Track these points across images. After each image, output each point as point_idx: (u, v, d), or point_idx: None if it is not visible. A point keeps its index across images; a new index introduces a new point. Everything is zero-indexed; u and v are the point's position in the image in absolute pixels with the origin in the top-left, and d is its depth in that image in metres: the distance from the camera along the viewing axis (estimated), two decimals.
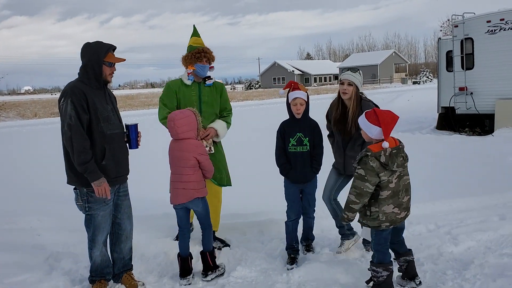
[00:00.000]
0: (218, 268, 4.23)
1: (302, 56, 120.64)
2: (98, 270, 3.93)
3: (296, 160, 4.39)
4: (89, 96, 3.62)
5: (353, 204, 3.58)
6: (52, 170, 9.51)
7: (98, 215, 3.74)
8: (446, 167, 8.37)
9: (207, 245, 4.24)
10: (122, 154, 3.86)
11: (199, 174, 4.11)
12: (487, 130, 12.28)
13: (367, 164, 3.47)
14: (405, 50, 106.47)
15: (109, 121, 3.74)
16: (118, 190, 3.91)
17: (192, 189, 4.06)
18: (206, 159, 4.10)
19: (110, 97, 3.89)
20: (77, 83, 3.68)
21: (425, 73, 61.07)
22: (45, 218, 5.84)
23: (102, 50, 3.69)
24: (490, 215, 5.43)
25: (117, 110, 3.97)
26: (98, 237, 3.79)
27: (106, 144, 3.70)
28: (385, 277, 3.64)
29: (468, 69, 12.59)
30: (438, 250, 4.48)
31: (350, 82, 4.35)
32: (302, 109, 4.36)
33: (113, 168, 3.74)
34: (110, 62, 3.75)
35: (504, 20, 11.78)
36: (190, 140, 4.05)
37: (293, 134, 4.40)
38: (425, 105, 18.85)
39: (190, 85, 4.73)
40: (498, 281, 3.76)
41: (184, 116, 4.03)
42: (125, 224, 4.01)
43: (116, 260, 4.04)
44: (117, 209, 3.95)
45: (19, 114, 32.04)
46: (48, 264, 4.41)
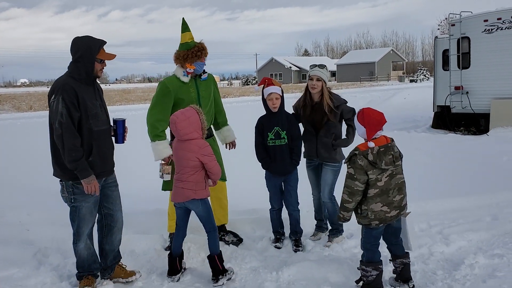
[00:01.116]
0: (227, 271, 4.04)
1: (299, 52, 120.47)
2: (85, 265, 3.89)
3: (275, 153, 4.60)
4: (79, 93, 3.59)
5: (347, 203, 3.62)
6: (43, 164, 9.44)
7: (83, 207, 3.73)
8: (440, 166, 8.36)
9: (213, 248, 4.05)
10: (107, 150, 3.86)
11: (200, 175, 3.97)
12: (482, 129, 12.28)
13: (356, 163, 3.53)
14: (403, 48, 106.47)
15: (97, 118, 3.72)
16: (106, 181, 3.90)
17: (189, 189, 3.95)
18: (211, 161, 3.94)
19: (99, 92, 3.85)
20: (68, 79, 3.63)
21: (422, 71, 61.15)
22: (35, 212, 5.78)
23: (95, 47, 3.65)
24: (482, 215, 5.42)
25: (105, 105, 3.92)
26: (83, 228, 3.78)
27: (94, 141, 3.70)
28: (374, 277, 3.63)
29: (464, 68, 12.58)
30: (429, 250, 4.46)
31: (319, 77, 4.59)
32: (277, 103, 4.54)
33: (99, 164, 3.74)
34: (101, 59, 3.72)
35: (501, 19, 11.75)
36: (194, 141, 3.92)
37: (270, 128, 4.60)
38: (422, 103, 18.83)
39: (187, 82, 4.59)
40: (488, 282, 3.75)
41: (186, 117, 3.88)
42: (117, 216, 4.01)
43: (108, 252, 4.02)
44: (108, 200, 3.95)
45: (14, 107, 31.89)
46: (36, 259, 4.37)
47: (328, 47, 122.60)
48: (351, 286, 3.84)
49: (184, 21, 4.69)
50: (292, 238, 4.84)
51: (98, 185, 3.69)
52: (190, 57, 4.51)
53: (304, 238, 4.89)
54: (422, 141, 11.45)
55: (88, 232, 3.86)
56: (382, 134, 3.64)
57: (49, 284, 3.94)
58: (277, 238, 4.86)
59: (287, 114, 4.70)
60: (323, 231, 5.05)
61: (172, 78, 4.61)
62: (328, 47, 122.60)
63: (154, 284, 4.03)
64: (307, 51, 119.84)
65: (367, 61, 76.03)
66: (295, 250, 4.67)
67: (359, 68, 74.89)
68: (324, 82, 4.63)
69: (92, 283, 3.88)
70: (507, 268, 4.00)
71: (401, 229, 3.85)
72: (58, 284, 3.97)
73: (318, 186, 4.92)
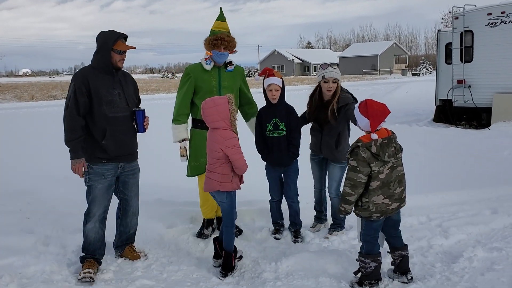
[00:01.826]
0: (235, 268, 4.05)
1: (302, 44, 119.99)
2: (90, 248, 4.05)
3: (273, 145, 4.60)
4: (92, 81, 3.92)
5: (348, 196, 3.60)
6: (44, 153, 9.47)
7: (96, 188, 4.00)
8: (441, 160, 8.35)
9: (227, 244, 4.01)
10: (125, 136, 4.08)
11: (227, 168, 3.92)
12: (484, 123, 12.23)
13: (359, 155, 3.50)
14: (406, 41, 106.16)
15: (112, 105, 3.98)
16: (124, 169, 4.15)
17: (215, 180, 3.93)
18: (234, 153, 3.85)
19: (120, 83, 4.08)
20: (86, 68, 4.04)
21: (425, 65, 60.91)
22: (35, 201, 5.80)
23: (111, 39, 3.96)
24: (482, 209, 5.42)
25: (129, 95, 4.14)
26: (94, 210, 4.02)
27: (108, 126, 3.97)
28: (373, 268, 3.65)
29: (467, 62, 12.50)
30: (428, 243, 4.46)
31: (335, 79, 4.49)
32: (277, 95, 4.53)
33: (113, 148, 4.00)
34: (119, 50, 3.98)
35: (505, 13, 11.66)
36: (220, 131, 3.87)
37: (269, 119, 4.60)
38: (424, 97, 18.77)
39: (209, 70, 4.62)
40: (486, 275, 3.76)
41: (214, 104, 3.85)
42: (132, 201, 4.29)
43: (121, 233, 4.34)
44: (125, 186, 4.23)
45: (16, 96, 31.88)
46: (36, 248, 4.37)
47: (331, 40, 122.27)
48: (349, 278, 3.84)
49: (221, 10, 4.74)
50: (291, 230, 4.86)
51: (83, 170, 3.95)
52: (208, 43, 4.57)
53: (303, 230, 4.90)
54: (423, 134, 11.42)
55: (99, 216, 4.05)
56: (382, 127, 3.61)
57: (49, 272, 3.95)
58: (276, 229, 4.88)
59: (287, 106, 4.68)
60: (322, 223, 5.07)
61: (196, 65, 4.70)
62: (331, 40, 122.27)
63: (153, 273, 4.04)
64: (309, 44, 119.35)
65: (369, 54, 75.69)
66: (294, 241, 4.69)
67: (362, 61, 74.59)
68: (339, 81, 4.57)
69: (93, 266, 3.98)
70: (506, 261, 4.00)
71: (399, 222, 3.86)
72: (58, 272, 3.98)
73: (321, 179, 4.92)
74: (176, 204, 5.03)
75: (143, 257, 4.31)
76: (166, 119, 5.65)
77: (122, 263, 4.22)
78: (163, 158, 6.65)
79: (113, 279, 3.93)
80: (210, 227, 4.88)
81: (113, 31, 4.03)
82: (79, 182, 6.33)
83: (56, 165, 8.29)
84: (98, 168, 4.00)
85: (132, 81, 4.29)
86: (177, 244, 4.60)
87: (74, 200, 5.85)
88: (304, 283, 3.79)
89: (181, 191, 5.41)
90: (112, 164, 4.04)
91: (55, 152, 9.56)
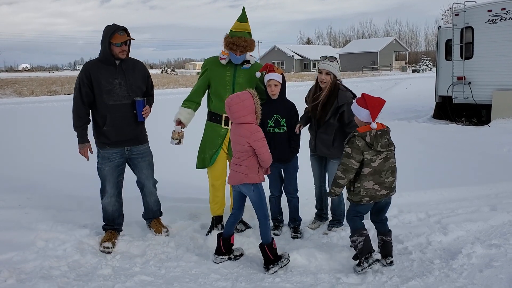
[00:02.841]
0: (281, 259, 4.00)
1: (302, 41, 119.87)
2: (109, 218, 4.56)
3: (274, 141, 4.56)
4: (93, 73, 4.30)
5: (339, 179, 3.87)
6: (43, 148, 9.48)
7: (104, 169, 4.47)
8: (440, 156, 8.35)
9: (264, 236, 4.04)
10: (123, 122, 4.38)
11: (253, 161, 3.98)
12: (484, 120, 12.25)
13: (354, 143, 3.78)
14: (406, 37, 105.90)
15: (112, 94, 4.31)
16: (131, 152, 4.54)
17: (242, 173, 3.97)
18: (261, 147, 3.92)
19: (124, 72, 4.37)
20: (92, 61, 4.43)
21: (424, 61, 60.79)
22: (34, 196, 5.79)
23: (108, 33, 4.25)
24: (481, 206, 5.42)
25: (132, 84, 4.41)
26: (106, 187, 4.50)
27: (108, 113, 4.33)
28: (362, 243, 3.86)
29: (467, 58, 12.50)
30: (427, 239, 4.46)
31: (328, 71, 4.46)
32: (276, 91, 4.53)
33: (114, 133, 4.37)
34: (116, 43, 4.25)
35: (505, 9, 11.64)
36: (247, 125, 3.93)
37: (270, 115, 4.58)
38: (423, 93, 18.77)
39: (225, 65, 4.65)
40: (485, 272, 3.76)
41: (240, 100, 3.89)
42: (145, 183, 4.69)
43: (146, 209, 4.84)
44: (136, 168, 4.63)
45: (15, 92, 31.78)
46: (34, 243, 4.36)
47: (331, 36, 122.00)
48: (347, 273, 3.85)
49: (243, 10, 4.71)
50: (291, 226, 4.86)
51: (88, 154, 4.47)
52: (225, 45, 4.57)
53: (302, 226, 4.90)
54: (423, 131, 11.43)
55: (113, 192, 4.51)
56: (378, 121, 3.84)
57: (47, 268, 3.94)
58: (276, 225, 4.88)
59: (288, 102, 4.68)
60: (322, 221, 5.05)
61: (215, 58, 4.75)
62: (331, 36, 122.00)
63: (152, 269, 4.04)
64: (309, 40, 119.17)
65: (369, 50, 75.55)
66: (294, 237, 4.69)
67: (361, 57, 74.49)
68: (334, 75, 4.48)
69: (113, 237, 4.50)
70: (504, 258, 4.00)
71: (385, 209, 4.07)
72: (57, 268, 3.97)
73: (320, 176, 4.91)
74: (175, 200, 5.04)
75: (165, 232, 4.67)
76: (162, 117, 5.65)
77: (121, 259, 4.22)
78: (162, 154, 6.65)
79: (111, 274, 3.92)
80: (219, 224, 4.87)
81: (113, 25, 4.29)
82: (80, 177, 6.36)
83: (56, 160, 8.32)
84: (104, 152, 4.45)
85: (141, 69, 4.55)
86: (176, 240, 4.59)
87: (75, 196, 5.87)
88: (303, 279, 3.80)
89: (180, 187, 5.41)
90: (116, 149, 4.44)
91: (54, 147, 9.60)
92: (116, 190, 4.55)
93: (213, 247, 4.32)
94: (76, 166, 7.72)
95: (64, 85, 37.23)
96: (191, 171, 5.39)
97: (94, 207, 5.46)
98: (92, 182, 6.64)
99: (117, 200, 4.57)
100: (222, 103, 4.60)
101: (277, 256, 4.01)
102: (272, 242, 4.05)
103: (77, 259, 4.14)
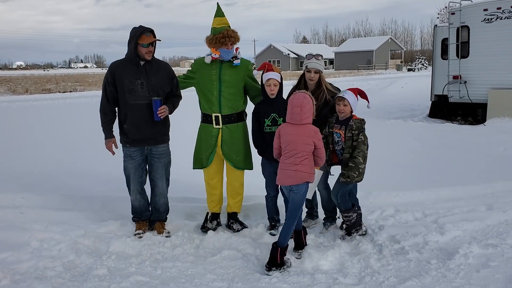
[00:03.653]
0: (284, 266, 3.96)
1: (298, 39, 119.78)
2: (137, 211, 4.81)
3: (271, 140, 4.47)
4: (117, 72, 4.47)
5: (362, 165, 4.35)
6: (37, 147, 9.41)
7: (127, 167, 4.67)
8: (436, 155, 8.35)
9: (283, 239, 3.99)
10: (143, 122, 4.49)
11: (311, 160, 4.07)
12: (479, 119, 12.26)
13: (365, 130, 4.33)
14: (402, 36, 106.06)
15: (133, 93, 4.44)
16: (150, 151, 4.65)
17: (305, 172, 4.01)
18: (322, 146, 4.09)
19: (147, 73, 4.47)
20: (118, 61, 4.59)
21: (420, 60, 60.91)
22: (29, 195, 5.74)
23: (135, 34, 4.38)
24: (477, 205, 5.42)
25: (155, 85, 4.50)
26: (131, 186, 4.71)
27: (128, 112, 4.49)
28: (355, 218, 4.48)
29: (463, 57, 12.51)
30: (424, 239, 4.45)
31: (317, 70, 4.58)
32: (275, 90, 4.55)
33: (132, 132, 4.52)
34: (143, 43, 4.36)
35: (501, 9, 11.68)
36: (309, 125, 4.04)
37: (267, 114, 4.59)
38: (419, 92, 18.77)
39: (210, 64, 4.66)
40: (482, 272, 3.75)
41: (308, 102, 4.01)
42: (158, 183, 4.74)
43: (152, 210, 4.87)
44: (152, 168, 4.72)
45: (10, 90, 31.58)
46: (29, 244, 4.32)
47: (327, 35, 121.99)
48: (344, 273, 3.84)
49: (218, 6, 4.72)
50: None
51: (114, 148, 4.64)
52: (215, 42, 4.54)
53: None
54: (418, 130, 11.44)
55: (137, 189, 4.72)
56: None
57: (42, 269, 3.90)
58: (272, 225, 4.87)
59: (285, 101, 4.63)
60: (313, 219, 5.08)
61: (201, 59, 4.81)
62: (327, 35, 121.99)
63: (148, 270, 4.01)
64: (305, 39, 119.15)
65: (365, 49, 75.68)
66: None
67: (357, 56, 74.58)
68: (321, 72, 4.66)
69: (143, 226, 4.77)
70: (501, 258, 4.00)
71: None
72: (52, 268, 3.93)
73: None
74: (171, 199, 5.00)
75: (166, 233, 4.69)
76: None
77: (116, 259, 4.18)
78: None
79: (107, 275, 3.89)
80: (214, 220, 4.93)
81: (140, 26, 4.44)
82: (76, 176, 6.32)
83: (52, 159, 8.26)
84: (126, 150, 4.64)
85: (166, 71, 4.62)
86: (171, 240, 4.56)
87: (70, 195, 5.82)
88: (300, 280, 3.78)
89: (176, 186, 5.37)
90: (135, 147, 4.59)
91: (49, 146, 9.54)
92: (140, 187, 4.76)
93: (209, 247, 4.31)
94: (72, 165, 7.70)
95: (59, 83, 37.08)
96: (186, 171, 5.37)
97: (90, 207, 5.44)
98: (89, 181, 6.64)
99: (142, 197, 4.79)
100: (210, 103, 4.67)
101: (282, 262, 3.97)
102: (286, 247, 4.03)
103: (72, 259, 4.10)
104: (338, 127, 4.46)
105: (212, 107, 4.68)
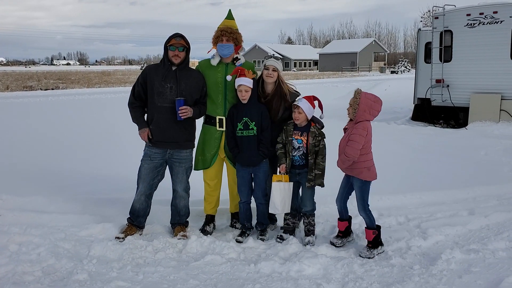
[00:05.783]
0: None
1: (283, 40, 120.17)
2: (134, 213, 4.77)
3: (242, 144, 4.61)
4: (149, 75, 4.61)
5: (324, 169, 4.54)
6: (16, 146, 9.22)
7: (143, 166, 4.72)
8: (418, 159, 8.42)
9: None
10: (167, 124, 4.58)
11: None
12: (461, 123, 12.41)
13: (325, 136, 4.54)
14: (385, 39, 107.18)
15: (161, 96, 4.55)
16: (172, 155, 4.70)
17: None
18: None
19: (176, 78, 4.55)
20: (153, 64, 4.80)
21: (403, 63, 61.52)
22: (7, 197, 5.61)
23: (169, 38, 4.55)
24: (459, 210, 5.47)
25: (184, 90, 4.56)
26: (140, 185, 4.73)
27: (156, 113, 4.60)
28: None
29: (446, 61, 12.67)
30: (407, 244, 4.47)
31: (275, 68, 4.68)
32: (247, 96, 4.55)
33: (157, 133, 4.61)
34: (171, 46, 4.53)
35: (483, 14, 11.84)
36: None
37: (239, 118, 4.59)
38: (402, 95, 18.95)
39: (216, 66, 4.72)
40: (464, 278, 3.78)
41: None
42: (177, 187, 4.78)
43: (173, 212, 4.89)
44: (172, 171, 4.77)
45: None
46: (7, 247, 4.22)
47: (311, 36, 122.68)
48: (328, 279, 3.82)
49: (229, 11, 4.86)
50: (258, 229, 4.85)
51: (146, 136, 4.63)
52: (214, 39, 4.72)
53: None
54: (401, 133, 11.53)
55: (145, 191, 4.72)
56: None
57: (20, 273, 3.81)
58: (242, 231, 4.81)
59: (259, 106, 4.65)
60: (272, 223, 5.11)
61: (206, 60, 4.87)
62: (311, 36, 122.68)
63: (129, 274, 3.93)
64: (290, 39, 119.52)
65: (349, 51, 76.20)
66: (261, 239, 4.70)
67: (341, 58, 75.03)
68: (279, 71, 4.75)
69: (132, 231, 4.71)
70: (482, 263, 4.04)
71: None
72: (30, 273, 3.84)
73: None
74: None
75: (182, 235, 4.67)
76: None
77: (97, 263, 4.10)
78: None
79: (87, 280, 3.81)
80: (211, 223, 4.98)
81: (175, 33, 4.61)
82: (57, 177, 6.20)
83: (30, 160, 8.11)
84: (147, 149, 4.71)
85: (197, 79, 4.67)
86: (153, 244, 4.50)
87: (50, 198, 5.69)
88: (283, 285, 3.75)
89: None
90: (158, 149, 4.65)
91: (29, 146, 9.36)
92: (149, 190, 4.75)
93: (192, 252, 4.26)
94: (53, 165, 7.56)
95: (41, 80, 36.54)
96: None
97: (71, 210, 5.34)
98: (70, 182, 6.51)
99: (146, 200, 4.78)
100: (215, 105, 4.71)
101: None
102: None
103: (52, 263, 4.01)
104: (298, 134, 4.54)
105: (217, 109, 4.73)
